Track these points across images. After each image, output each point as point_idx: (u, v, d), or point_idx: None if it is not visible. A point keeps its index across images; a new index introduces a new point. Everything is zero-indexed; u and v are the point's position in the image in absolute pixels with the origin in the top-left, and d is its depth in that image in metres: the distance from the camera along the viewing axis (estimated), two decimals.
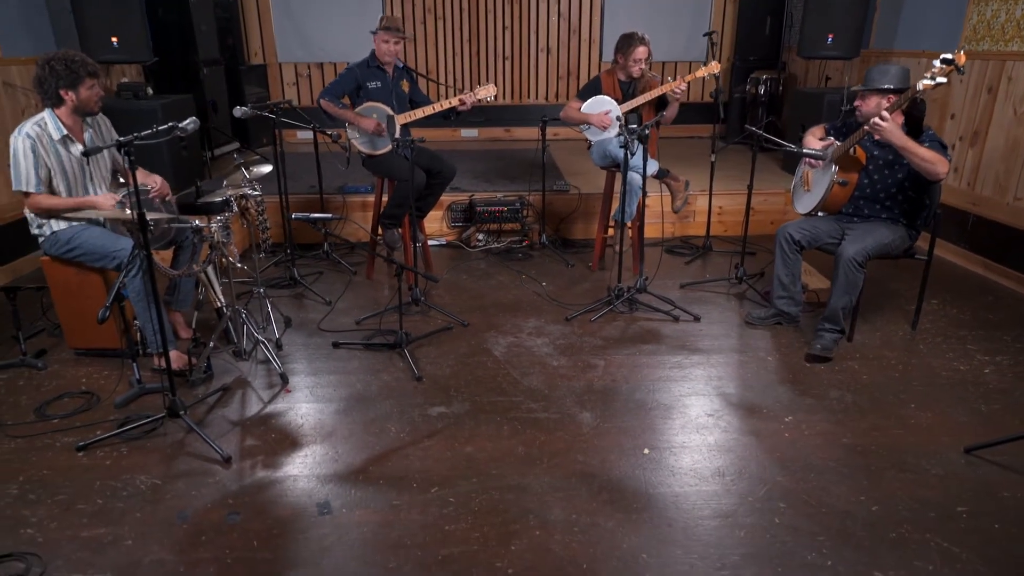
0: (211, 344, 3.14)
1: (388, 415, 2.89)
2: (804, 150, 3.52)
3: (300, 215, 3.27)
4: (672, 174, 4.25)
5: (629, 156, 3.68)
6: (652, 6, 7.52)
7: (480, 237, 5.11)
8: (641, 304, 3.96)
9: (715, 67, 4.08)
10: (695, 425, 2.83)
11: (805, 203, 3.67)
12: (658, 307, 3.94)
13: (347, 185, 5.25)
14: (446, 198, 4.91)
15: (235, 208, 3.18)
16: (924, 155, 3.11)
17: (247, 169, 3.50)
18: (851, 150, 3.38)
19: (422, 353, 3.44)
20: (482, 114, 4.08)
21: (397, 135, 4.10)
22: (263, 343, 3.19)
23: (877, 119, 3.09)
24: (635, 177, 4.03)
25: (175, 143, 5.26)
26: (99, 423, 2.80)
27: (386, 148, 4.16)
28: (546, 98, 7.93)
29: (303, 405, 2.97)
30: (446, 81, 7.80)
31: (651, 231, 4.60)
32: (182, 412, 2.67)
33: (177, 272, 3.13)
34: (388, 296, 4.21)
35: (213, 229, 2.95)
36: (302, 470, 2.53)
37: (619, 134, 4.26)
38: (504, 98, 7.91)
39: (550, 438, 2.73)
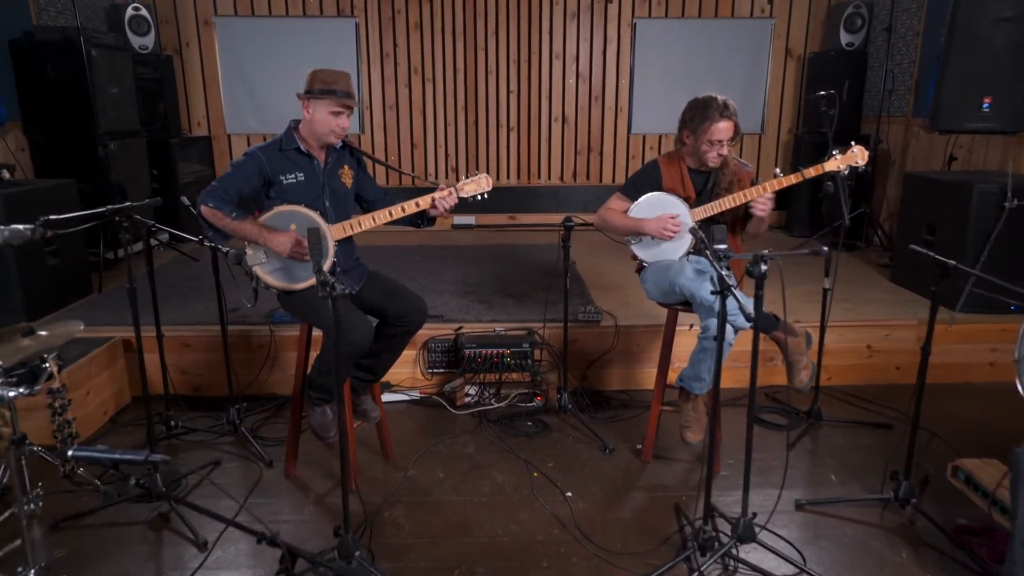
0: None
1: None
2: None
3: (83, 453, 1.59)
4: (788, 324, 2.57)
5: (726, 298, 2.06)
6: (691, 67, 6.06)
7: (470, 392, 3.43)
8: (743, 564, 2.24)
9: (862, 155, 2.46)
10: None
11: None
12: (771, 571, 2.21)
13: (277, 312, 3.60)
14: (422, 333, 3.24)
15: None
16: None
17: (17, 339, 1.87)
18: None
19: None
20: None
21: (329, 259, 2.48)
22: None
23: None
24: (729, 329, 2.39)
25: (34, 247, 3.65)
26: None
27: (311, 280, 2.53)
28: (561, 178, 6.38)
29: None
30: (436, 159, 6.29)
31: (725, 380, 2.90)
32: None
33: None
34: (312, 513, 2.52)
35: None
36: None
37: (691, 252, 2.68)
38: (508, 178, 6.37)
39: None
